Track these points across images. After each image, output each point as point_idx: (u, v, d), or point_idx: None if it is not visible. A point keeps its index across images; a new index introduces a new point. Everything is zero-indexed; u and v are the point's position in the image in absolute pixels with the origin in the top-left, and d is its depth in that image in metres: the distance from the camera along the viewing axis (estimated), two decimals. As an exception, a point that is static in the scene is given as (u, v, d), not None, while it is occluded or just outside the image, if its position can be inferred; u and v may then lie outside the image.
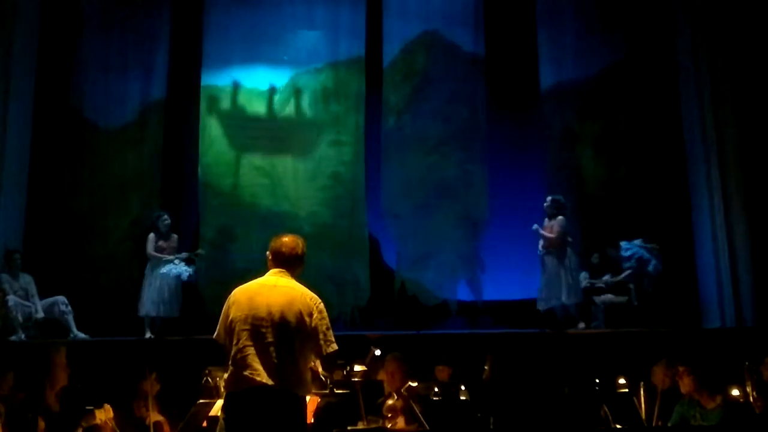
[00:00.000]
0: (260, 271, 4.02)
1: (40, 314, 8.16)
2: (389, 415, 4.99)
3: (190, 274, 8.73)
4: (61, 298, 8.35)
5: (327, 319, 3.79)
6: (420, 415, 4.76)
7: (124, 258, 9.49)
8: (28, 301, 8.15)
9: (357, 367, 4.85)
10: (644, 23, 9.83)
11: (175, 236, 8.92)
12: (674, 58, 9.64)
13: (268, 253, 3.97)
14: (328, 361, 3.86)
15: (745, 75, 8.83)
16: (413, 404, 4.87)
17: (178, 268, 8.69)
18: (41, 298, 8.29)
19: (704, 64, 9.14)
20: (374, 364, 5.56)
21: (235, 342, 3.69)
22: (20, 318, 7.94)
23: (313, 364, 3.95)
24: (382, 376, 5.50)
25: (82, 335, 8.23)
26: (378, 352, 5.27)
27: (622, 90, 9.79)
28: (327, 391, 4.64)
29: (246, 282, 3.93)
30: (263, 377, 3.60)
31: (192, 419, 4.52)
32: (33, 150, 9.38)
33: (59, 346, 4.83)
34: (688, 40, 9.40)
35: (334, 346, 3.77)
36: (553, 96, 9.97)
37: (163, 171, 9.97)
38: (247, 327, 3.68)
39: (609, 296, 8.79)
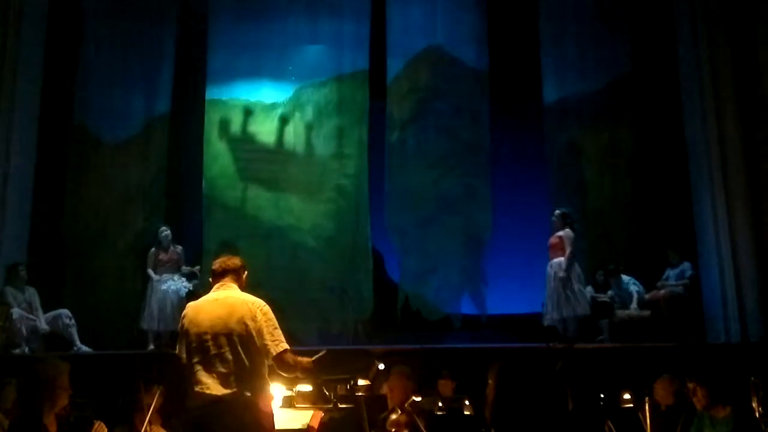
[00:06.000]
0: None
1: (44, 327, 8.16)
2: (393, 430, 4.96)
3: (189, 290, 8.73)
4: (65, 312, 8.35)
5: (274, 320, 3.82)
6: (424, 429, 4.74)
7: (128, 271, 9.50)
8: (32, 314, 8.13)
9: (360, 382, 4.82)
10: (647, 37, 9.87)
11: (180, 248, 9.03)
12: (677, 70, 9.64)
13: (210, 279, 4.09)
14: (280, 361, 3.77)
15: (749, 87, 8.82)
16: (417, 419, 4.84)
17: (176, 284, 8.77)
18: (45, 311, 8.28)
19: (708, 77, 9.12)
20: (378, 378, 5.53)
21: (188, 359, 3.77)
22: (24, 331, 7.93)
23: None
24: (385, 390, 5.47)
25: (85, 348, 8.22)
26: (381, 367, 5.24)
27: (625, 104, 9.82)
28: (331, 406, 4.62)
29: None
30: (213, 389, 3.64)
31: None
32: (37, 164, 9.38)
33: (62, 366, 4.80)
34: (691, 52, 9.39)
35: (284, 345, 3.76)
36: (557, 110, 9.99)
37: (167, 185, 10.00)
38: (194, 342, 3.75)
39: (632, 310, 8.64)
